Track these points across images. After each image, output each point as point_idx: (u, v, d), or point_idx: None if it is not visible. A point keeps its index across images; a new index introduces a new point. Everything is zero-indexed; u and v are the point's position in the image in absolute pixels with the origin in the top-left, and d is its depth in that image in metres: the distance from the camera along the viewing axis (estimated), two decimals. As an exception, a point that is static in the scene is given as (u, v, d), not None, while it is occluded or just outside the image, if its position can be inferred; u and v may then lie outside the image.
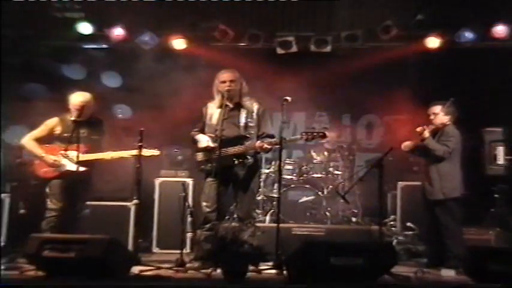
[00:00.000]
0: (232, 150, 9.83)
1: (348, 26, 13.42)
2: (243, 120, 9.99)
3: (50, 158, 10.21)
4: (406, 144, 10.84)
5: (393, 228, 12.27)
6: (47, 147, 10.31)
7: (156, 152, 10.32)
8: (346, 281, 8.26)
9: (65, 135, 10.20)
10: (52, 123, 10.43)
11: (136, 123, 11.06)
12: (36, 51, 13.72)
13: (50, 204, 10.27)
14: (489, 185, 12.21)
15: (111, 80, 14.30)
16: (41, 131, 10.42)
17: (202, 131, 10.07)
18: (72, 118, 10.28)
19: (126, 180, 10.97)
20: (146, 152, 10.08)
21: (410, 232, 12.07)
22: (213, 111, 10.06)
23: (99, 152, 10.32)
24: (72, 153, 10.03)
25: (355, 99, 14.00)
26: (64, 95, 10.59)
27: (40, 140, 10.34)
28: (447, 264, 9.99)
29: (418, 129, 10.67)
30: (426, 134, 10.59)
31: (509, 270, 8.22)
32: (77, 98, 10.36)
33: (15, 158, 10.60)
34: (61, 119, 10.43)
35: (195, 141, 10.07)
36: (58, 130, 10.37)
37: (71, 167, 10.10)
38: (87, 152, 10.19)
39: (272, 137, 9.95)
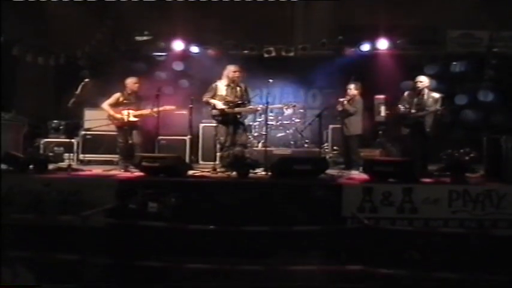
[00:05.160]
0: (236, 109, 10.01)
1: (302, 42, 13.37)
2: (239, 94, 10.09)
3: (117, 115, 10.23)
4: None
5: (326, 150, 12.29)
6: (116, 109, 10.26)
7: (173, 107, 10.45)
8: (302, 177, 8.52)
9: (125, 101, 10.27)
10: (117, 95, 10.35)
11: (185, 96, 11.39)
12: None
13: (119, 138, 10.40)
14: (376, 127, 12.36)
15: (169, 73, 14.08)
16: (111, 100, 10.32)
17: (213, 98, 10.05)
18: (128, 91, 10.37)
19: (184, 125, 11.03)
20: (168, 108, 10.31)
21: (335, 152, 12.19)
22: (221, 87, 10.09)
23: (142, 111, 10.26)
24: (130, 111, 10.19)
25: (306, 80, 13.98)
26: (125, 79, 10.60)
27: (112, 105, 10.26)
28: (353, 168, 10.27)
29: (340, 100, 10.91)
30: (345, 102, 10.86)
31: (383, 170, 8.55)
32: (130, 80, 10.42)
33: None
34: (121, 93, 10.36)
35: (210, 103, 10.09)
36: (120, 99, 10.31)
37: (128, 119, 10.22)
38: (136, 111, 10.26)
39: (249, 101, 10.24)
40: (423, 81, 10.03)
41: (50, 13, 12.63)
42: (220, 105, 9.99)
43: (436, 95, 9.90)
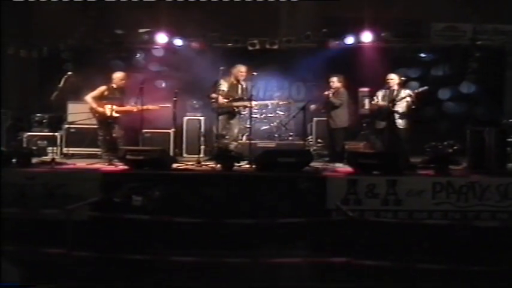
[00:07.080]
0: (235, 104, 10.46)
1: (286, 34, 13.33)
2: (240, 91, 10.56)
3: (100, 109, 10.07)
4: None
5: (311, 142, 12.24)
6: (99, 102, 10.11)
7: (156, 107, 10.47)
8: (286, 170, 8.56)
9: (109, 96, 10.14)
10: (102, 88, 10.19)
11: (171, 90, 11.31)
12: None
13: (99, 132, 10.29)
14: (360, 119, 12.37)
15: (156, 66, 13.70)
16: (96, 92, 10.16)
17: (214, 93, 10.42)
18: (114, 86, 10.24)
19: (168, 118, 10.98)
20: (153, 107, 10.40)
21: (319, 144, 12.19)
22: (224, 83, 10.45)
23: (127, 106, 10.27)
24: (111, 106, 10.04)
25: (291, 73, 13.80)
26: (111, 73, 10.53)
27: (96, 98, 10.09)
28: (338, 161, 10.19)
29: (326, 93, 11.01)
30: (330, 95, 10.92)
31: (368, 162, 8.72)
32: (116, 75, 10.32)
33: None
34: (107, 87, 10.22)
35: (211, 98, 10.51)
36: (106, 92, 10.15)
37: (110, 113, 10.11)
38: (120, 106, 10.17)
39: (250, 99, 10.50)
40: (393, 78, 10.27)
41: (33, 5, 12.53)
42: (221, 99, 10.36)
43: (407, 91, 10.10)
